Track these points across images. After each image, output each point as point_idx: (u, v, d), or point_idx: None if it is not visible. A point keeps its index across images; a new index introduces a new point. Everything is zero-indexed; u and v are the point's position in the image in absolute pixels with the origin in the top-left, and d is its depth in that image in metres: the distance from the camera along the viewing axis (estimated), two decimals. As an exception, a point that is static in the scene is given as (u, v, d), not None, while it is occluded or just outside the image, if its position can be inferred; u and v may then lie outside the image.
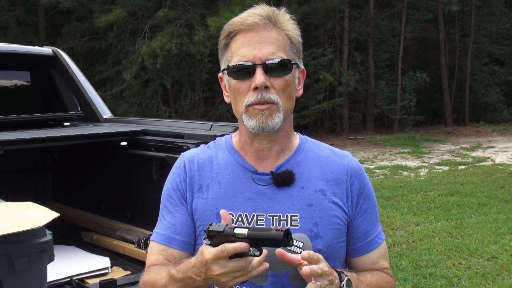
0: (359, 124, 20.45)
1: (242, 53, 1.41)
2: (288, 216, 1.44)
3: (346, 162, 1.53)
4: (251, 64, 1.39)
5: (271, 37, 1.42)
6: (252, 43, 1.41)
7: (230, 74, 1.44)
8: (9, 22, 17.43)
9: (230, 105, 1.49)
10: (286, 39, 1.44)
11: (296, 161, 1.50)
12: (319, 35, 18.82)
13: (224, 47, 1.47)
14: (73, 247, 3.53)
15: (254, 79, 1.39)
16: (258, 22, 1.41)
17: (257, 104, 1.40)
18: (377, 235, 1.55)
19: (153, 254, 1.52)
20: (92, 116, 4.03)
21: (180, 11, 16.55)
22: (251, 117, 1.41)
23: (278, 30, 1.43)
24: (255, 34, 1.41)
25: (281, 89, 1.42)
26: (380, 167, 11.86)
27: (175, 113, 17.70)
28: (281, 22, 1.44)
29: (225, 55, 1.47)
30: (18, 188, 4.08)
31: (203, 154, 1.56)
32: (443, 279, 4.93)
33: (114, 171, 3.65)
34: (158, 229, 1.54)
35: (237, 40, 1.43)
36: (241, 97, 1.42)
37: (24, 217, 1.65)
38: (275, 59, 1.40)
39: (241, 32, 1.42)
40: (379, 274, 1.53)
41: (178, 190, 1.52)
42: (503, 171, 11.00)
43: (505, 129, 20.17)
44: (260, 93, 1.39)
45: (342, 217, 1.48)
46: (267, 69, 1.39)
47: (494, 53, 25.08)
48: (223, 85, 1.52)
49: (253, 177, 1.47)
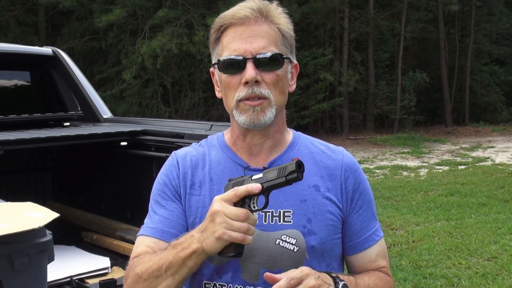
0: (359, 124, 20.45)
1: (233, 47, 1.38)
2: (281, 212, 1.42)
3: (341, 158, 1.51)
4: (242, 58, 1.37)
5: (263, 31, 1.39)
6: (243, 37, 1.38)
7: (220, 68, 1.42)
8: (9, 22, 17.43)
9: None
10: (278, 33, 1.41)
11: (289, 156, 1.48)
12: (319, 35, 18.82)
13: (215, 41, 1.44)
14: (73, 247, 3.53)
15: (245, 73, 1.37)
16: (249, 15, 1.38)
17: (248, 99, 1.38)
18: (374, 232, 1.51)
19: (141, 247, 1.45)
20: (92, 116, 4.03)
21: (180, 11, 16.55)
22: (242, 112, 1.40)
23: (270, 24, 1.40)
24: (246, 27, 1.38)
25: (273, 84, 1.39)
26: (380, 167, 11.86)
27: (175, 113, 17.71)
28: (273, 15, 1.41)
29: (216, 49, 1.44)
30: (18, 188, 4.08)
31: (195, 152, 1.54)
32: (443, 279, 4.93)
33: (114, 171, 3.65)
34: (148, 223, 1.49)
35: (228, 34, 1.40)
36: (231, 91, 1.40)
37: (24, 217, 1.65)
38: (266, 53, 1.37)
39: (232, 26, 1.40)
40: (377, 275, 1.50)
41: (172, 186, 1.50)
42: (503, 171, 11.00)
43: (505, 129, 20.18)
44: (251, 88, 1.37)
45: (337, 213, 1.45)
46: (258, 64, 1.37)
47: (494, 53, 25.10)
48: (215, 80, 1.50)
49: (245, 173, 1.45)
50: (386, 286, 1.49)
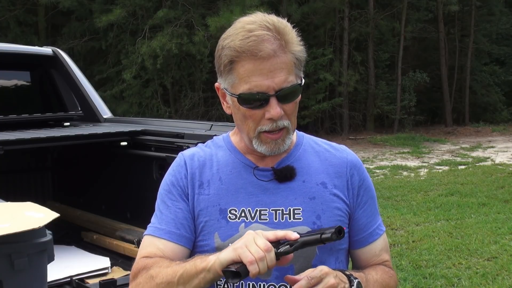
0: (359, 124, 20.45)
1: (254, 82, 1.35)
2: (291, 210, 1.46)
3: (345, 155, 1.56)
4: (266, 95, 1.36)
5: (281, 62, 1.36)
6: (263, 72, 1.35)
7: (241, 102, 1.40)
8: (9, 22, 17.44)
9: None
10: (293, 59, 1.40)
11: (296, 156, 1.52)
12: (319, 35, 18.82)
13: (228, 66, 1.39)
14: (73, 247, 3.53)
15: (269, 109, 1.37)
16: (269, 52, 1.34)
17: (270, 132, 1.41)
18: (378, 226, 1.57)
19: (150, 247, 1.46)
20: (92, 116, 4.03)
21: (180, 11, 16.55)
22: (262, 143, 1.42)
23: (287, 52, 1.38)
24: (265, 61, 1.34)
25: (292, 112, 1.43)
26: (380, 167, 11.86)
27: (175, 113, 17.71)
28: (291, 43, 1.39)
29: (229, 76, 1.40)
30: (18, 188, 4.08)
31: (202, 152, 1.56)
32: (443, 279, 4.93)
33: (114, 171, 3.65)
34: (155, 223, 1.50)
35: (245, 64, 1.36)
36: (252, 123, 1.41)
37: (24, 217, 1.65)
38: (287, 86, 1.37)
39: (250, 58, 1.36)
40: (382, 269, 1.55)
41: (179, 186, 1.51)
42: (503, 171, 11.00)
43: (505, 129, 20.16)
44: (274, 123, 1.39)
45: (344, 209, 1.50)
46: (280, 98, 1.38)
47: (494, 53, 25.06)
48: (221, 94, 1.48)
49: (254, 172, 1.48)
50: (391, 280, 1.55)
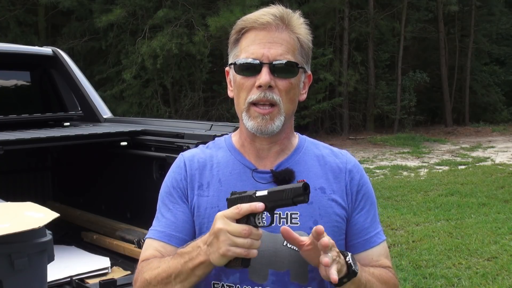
0: (359, 124, 20.45)
1: (251, 50, 1.41)
2: (288, 214, 1.44)
3: (345, 161, 1.55)
4: (258, 62, 1.40)
5: (282, 38, 1.42)
6: (262, 41, 1.41)
7: (236, 70, 1.44)
8: (9, 22, 17.44)
9: (230, 105, 1.50)
10: (296, 42, 1.44)
11: (296, 159, 1.51)
12: (319, 35, 18.81)
13: (234, 42, 1.47)
14: (73, 247, 3.53)
15: (259, 77, 1.40)
16: (271, 22, 1.41)
17: (259, 103, 1.41)
18: (376, 234, 1.54)
19: (149, 250, 1.48)
20: (92, 116, 4.03)
21: (180, 11, 16.55)
22: (251, 118, 1.43)
23: (290, 32, 1.43)
24: (267, 33, 1.42)
25: (285, 91, 1.42)
26: (380, 167, 11.86)
27: (175, 113, 17.70)
28: (294, 25, 1.45)
29: (234, 50, 1.47)
30: (18, 188, 4.08)
31: (202, 154, 1.56)
32: (443, 279, 4.93)
33: (114, 171, 3.65)
34: (156, 226, 1.51)
35: (248, 36, 1.44)
36: (244, 93, 1.43)
37: (24, 217, 1.65)
38: (282, 60, 1.41)
39: (253, 30, 1.43)
40: (381, 269, 1.52)
41: (179, 188, 1.51)
42: (503, 171, 11.00)
43: (505, 129, 20.17)
44: (263, 92, 1.40)
45: (342, 214, 1.49)
46: (274, 69, 1.40)
47: (494, 53, 25.07)
48: (229, 79, 1.52)
49: (253, 175, 1.48)
50: (391, 280, 1.50)
